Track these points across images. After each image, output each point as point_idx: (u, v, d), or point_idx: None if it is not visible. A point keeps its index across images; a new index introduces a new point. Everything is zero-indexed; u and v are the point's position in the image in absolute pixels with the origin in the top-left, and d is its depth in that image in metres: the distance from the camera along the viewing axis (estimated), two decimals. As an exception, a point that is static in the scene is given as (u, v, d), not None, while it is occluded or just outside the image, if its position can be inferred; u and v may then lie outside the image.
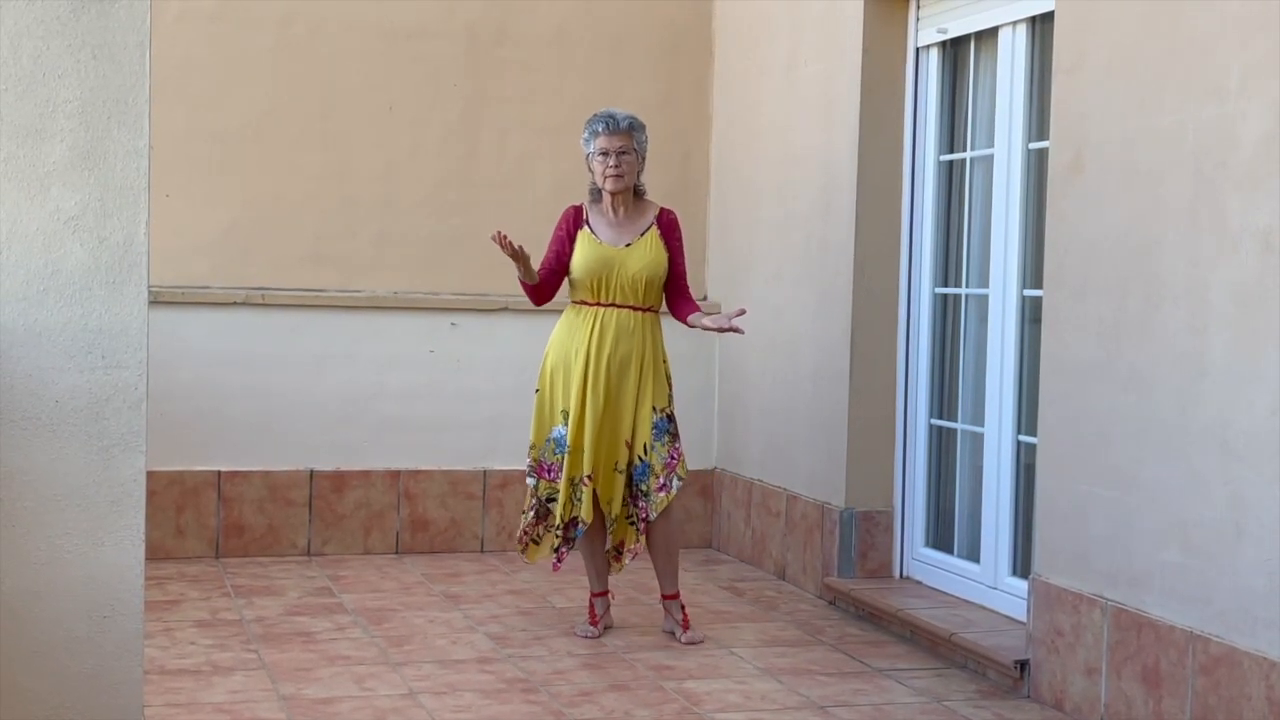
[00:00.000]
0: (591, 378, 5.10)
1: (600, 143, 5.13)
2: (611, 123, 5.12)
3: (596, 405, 5.10)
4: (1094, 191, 4.42)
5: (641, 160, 5.20)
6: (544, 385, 5.23)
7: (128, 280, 2.96)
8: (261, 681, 4.55)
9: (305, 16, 6.41)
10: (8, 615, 3.01)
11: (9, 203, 2.93)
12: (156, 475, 6.10)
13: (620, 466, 5.15)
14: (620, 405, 5.12)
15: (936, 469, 5.76)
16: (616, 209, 5.19)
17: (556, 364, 5.18)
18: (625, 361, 5.12)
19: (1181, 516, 4.04)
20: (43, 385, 2.96)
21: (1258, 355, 3.80)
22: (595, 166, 5.17)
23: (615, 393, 5.12)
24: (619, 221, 5.19)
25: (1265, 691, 3.73)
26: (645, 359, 5.14)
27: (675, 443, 5.20)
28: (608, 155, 5.12)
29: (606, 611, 5.32)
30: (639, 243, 5.16)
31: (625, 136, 5.13)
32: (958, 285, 5.62)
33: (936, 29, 5.60)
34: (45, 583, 3.02)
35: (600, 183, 5.17)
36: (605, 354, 5.10)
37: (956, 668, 4.93)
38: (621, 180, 5.13)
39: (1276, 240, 3.74)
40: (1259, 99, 3.80)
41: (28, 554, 3.00)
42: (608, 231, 5.19)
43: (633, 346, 5.13)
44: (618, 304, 5.14)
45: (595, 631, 5.22)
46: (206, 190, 6.33)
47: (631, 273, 5.12)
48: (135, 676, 3.09)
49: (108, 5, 2.92)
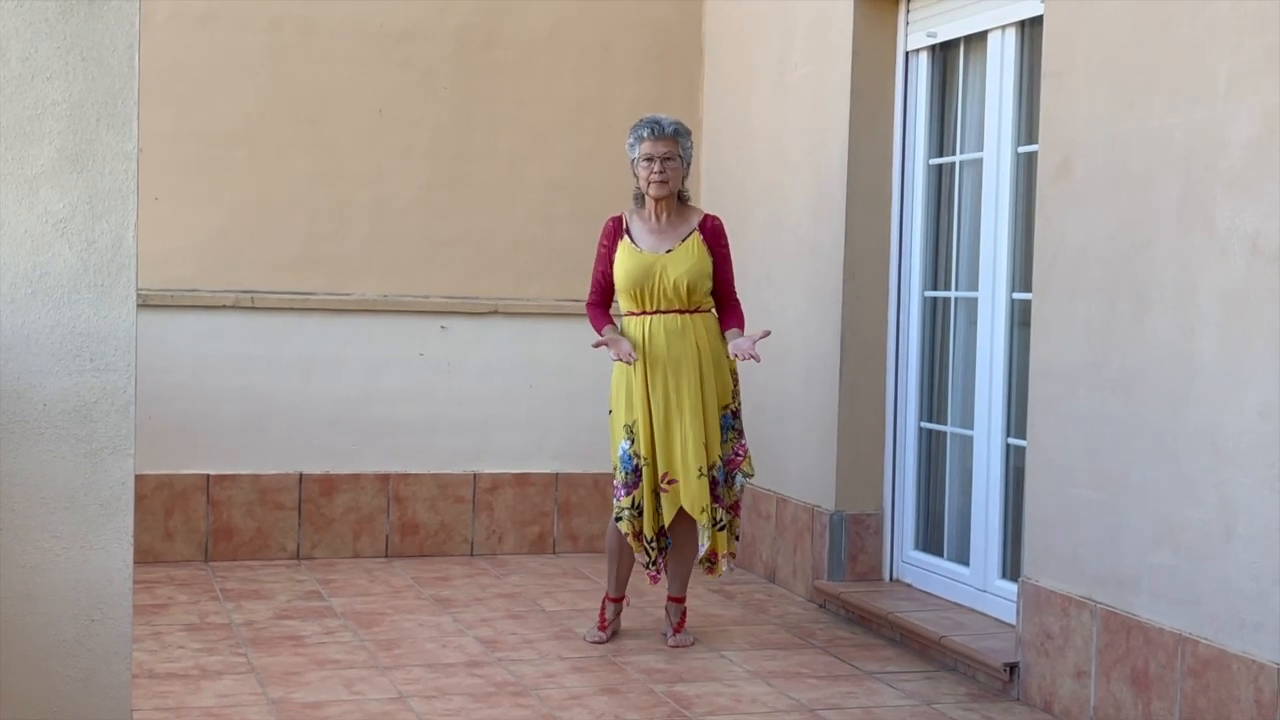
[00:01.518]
0: (650, 386, 5.05)
1: (645, 148, 5.10)
2: (657, 128, 5.10)
3: (659, 413, 5.05)
4: (1083, 194, 4.43)
5: (686, 166, 5.17)
6: (615, 405, 5.17)
7: (116, 283, 2.95)
8: (250, 685, 4.54)
9: (295, 19, 6.40)
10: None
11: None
12: (145, 479, 6.09)
13: (704, 471, 5.05)
14: (683, 409, 5.04)
15: (926, 472, 5.76)
16: (660, 215, 5.15)
17: (619, 380, 5.14)
18: (679, 364, 5.05)
19: (1171, 519, 4.04)
20: (31, 388, 2.94)
21: (1246, 357, 3.80)
22: (640, 172, 5.13)
23: (675, 397, 5.05)
24: (661, 228, 5.14)
25: (1254, 694, 3.74)
26: (704, 358, 5.08)
27: (740, 439, 5.18)
28: (652, 161, 5.08)
29: (616, 617, 5.29)
30: (680, 249, 5.10)
31: (670, 142, 5.10)
32: (947, 288, 5.62)
33: (926, 33, 5.61)
34: (34, 586, 3.01)
35: (644, 188, 5.13)
36: (659, 361, 5.05)
37: (946, 670, 4.93)
38: (665, 186, 5.09)
39: (1265, 243, 3.74)
40: (1247, 102, 3.80)
41: (17, 558, 2.99)
42: (648, 239, 5.13)
43: (684, 349, 5.06)
44: (663, 310, 5.08)
45: (603, 637, 5.19)
46: (195, 193, 6.31)
47: (673, 278, 5.05)
48: (124, 680, 3.08)
49: (97, 7, 2.91)
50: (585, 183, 6.68)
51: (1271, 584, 3.71)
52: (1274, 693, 3.68)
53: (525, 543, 6.71)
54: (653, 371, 5.05)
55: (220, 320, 6.33)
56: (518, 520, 6.71)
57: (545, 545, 6.74)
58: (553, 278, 6.70)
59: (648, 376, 5.05)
